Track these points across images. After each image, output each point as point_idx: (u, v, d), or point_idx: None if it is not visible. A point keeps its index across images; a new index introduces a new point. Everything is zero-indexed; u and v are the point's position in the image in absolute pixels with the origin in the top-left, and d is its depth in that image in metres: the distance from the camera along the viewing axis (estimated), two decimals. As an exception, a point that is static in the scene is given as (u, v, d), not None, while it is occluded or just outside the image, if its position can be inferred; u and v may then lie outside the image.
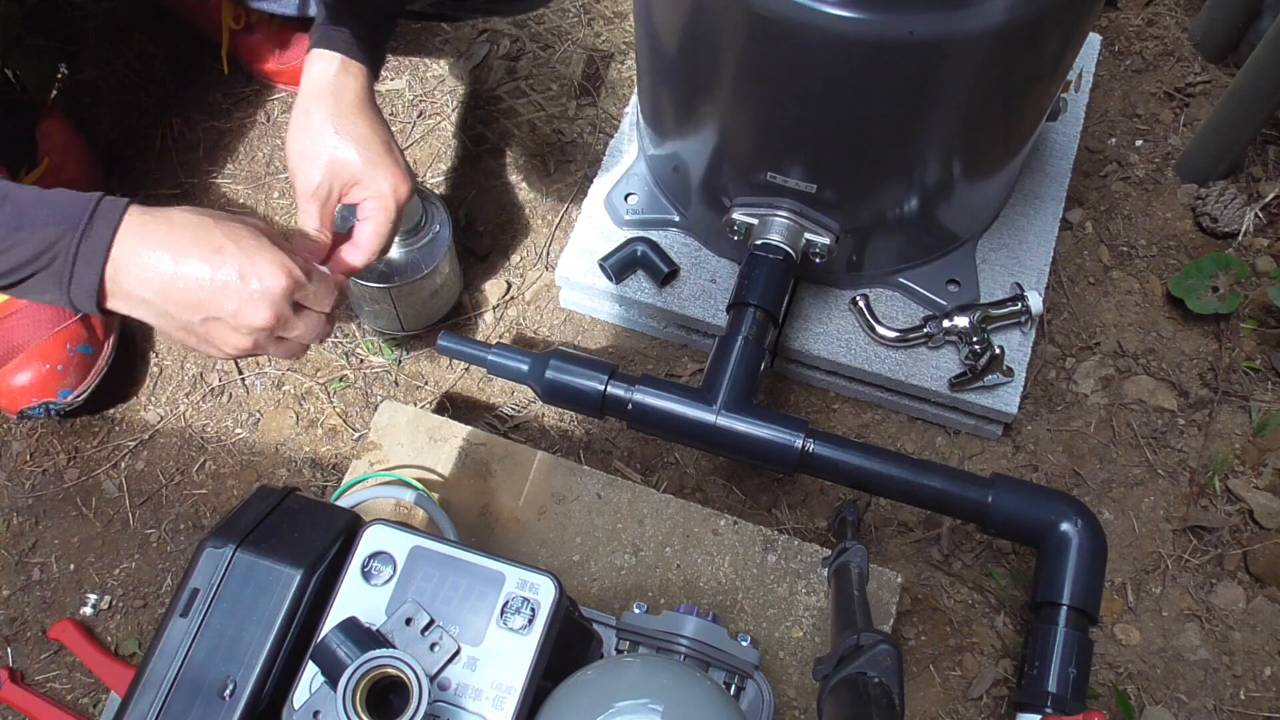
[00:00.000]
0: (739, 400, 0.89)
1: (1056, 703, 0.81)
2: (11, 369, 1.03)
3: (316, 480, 1.07)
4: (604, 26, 1.34)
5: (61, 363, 1.03)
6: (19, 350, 1.03)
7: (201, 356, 1.13)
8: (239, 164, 1.24)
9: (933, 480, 0.87)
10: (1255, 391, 1.10)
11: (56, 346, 1.03)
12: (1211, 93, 1.28)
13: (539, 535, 0.98)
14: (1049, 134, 1.15)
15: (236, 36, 1.23)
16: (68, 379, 1.04)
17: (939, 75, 0.80)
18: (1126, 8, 1.35)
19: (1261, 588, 1.02)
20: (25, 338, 1.03)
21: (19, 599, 1.02)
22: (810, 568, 0.96)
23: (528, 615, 0.66)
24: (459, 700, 0.64)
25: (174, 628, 0.65)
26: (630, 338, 1.14)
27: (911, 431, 1.09)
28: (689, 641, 0.80)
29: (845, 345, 1.04)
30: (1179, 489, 1.06)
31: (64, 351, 1.03)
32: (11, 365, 1.03)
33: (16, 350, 1.03)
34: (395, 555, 0.68)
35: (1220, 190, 1.18)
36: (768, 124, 0.90)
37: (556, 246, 1.18)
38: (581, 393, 0.90)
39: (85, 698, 0.98)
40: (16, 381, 1.02)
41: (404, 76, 1.30)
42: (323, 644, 0.62)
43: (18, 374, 1.02)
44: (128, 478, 1.07)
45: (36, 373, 1.02)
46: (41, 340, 1.03)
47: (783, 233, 0.95)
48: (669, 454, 1.08)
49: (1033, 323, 1.03)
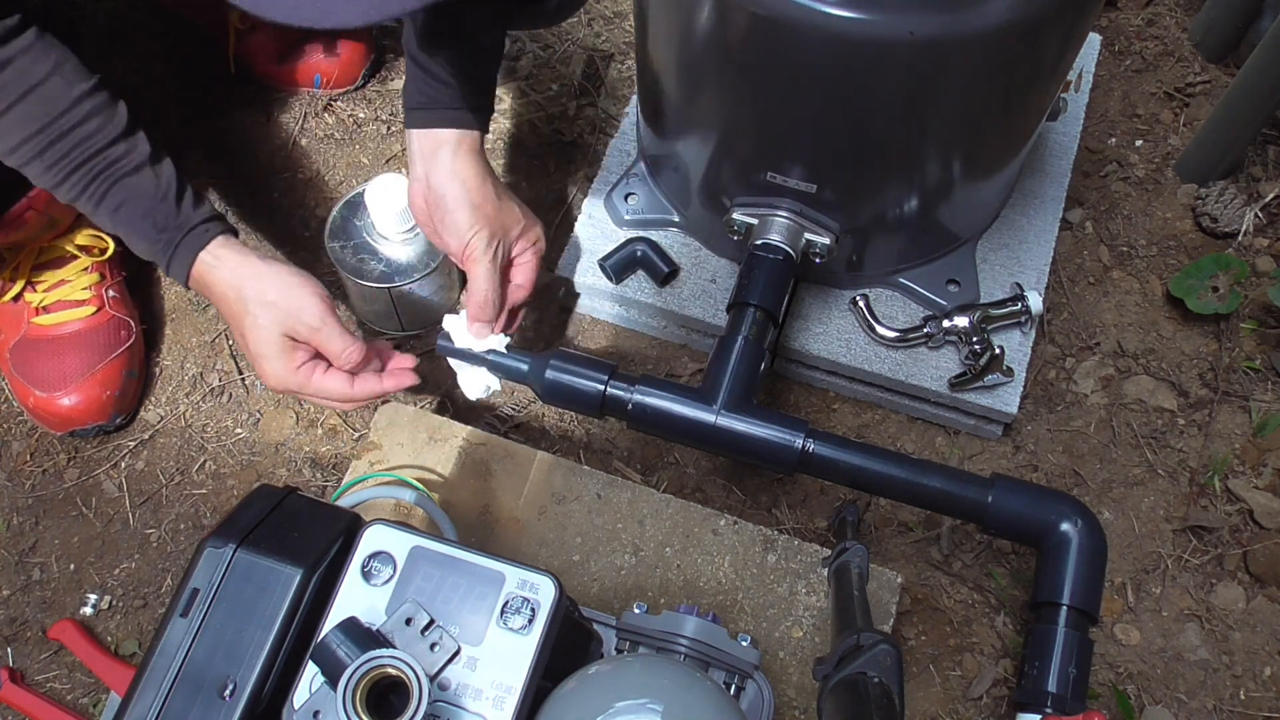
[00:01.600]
0: (739, 400, 0.89)
1: (1056, 703, 0.81)
2: (67, 393, 1.04)
3: (316, 480, 1.07)
4: (604, 26, 1.34)
5: (118, 389, 1.06)
6: (74, 374, 1.04)
7: (201, 357, 1.13)
8: (239, 164, 1.24)
9: (933, 480, 0.87)
10: (1255, 391, 1.10)
11: (115, 372, 1.06)
12: (1211, 93, 1.28)
13: (539, 535, 0.98)
14: (1049, 134, 1.15)
15: (242, 36, 1.23)
16: (122, 403, 1.07)
17: (939, 75, 0.80)
18: (1126, 8, 1.35)
19: (1261, 588, 1.02)
20: (81, 363, 1.05)
21: (19, 599, 1.02)
22: (810, 568, 0.96)
23: (528, 615, 0.66)
24: (459, 700, 0.64)
25: (174, 627, 0.65)
26: (630, 338, 1.14)
27: (911, 431, 1.09)
28: (689, 641, 0.80)
29: (845, 345, 1.04)
30: (1179, 489, 1.06)
31: (121, 377, 1.06)
32: (69, 389, 1.04)
33: (71, 374, 1.04)
34: (395, 555, 0.68)
35: (1220, 190, 1.18)
36: (768, 124, 0.90)
37: (556, 246, 1.18)
38: (581, 393, 0.90)
39: (85, 698, 0.98)
40: (71, 404, 1.04)
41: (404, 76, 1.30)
42: (323, 644, 0.62)
43: (72, 398, 1.04)
44: (128, 478, 1.07)
45: (95, 398, 1.04)
46: (100, 366, 1.05)
47: (783, 233, 0.95)
48: (669, 454, 1.08)
49: (1033, 323, 1.03)
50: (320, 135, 1.27)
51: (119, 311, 1.08)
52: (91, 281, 1.07)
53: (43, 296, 1.06)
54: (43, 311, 1.06)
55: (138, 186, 0.86)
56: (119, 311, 1.08)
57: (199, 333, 1.14)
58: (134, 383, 1.08)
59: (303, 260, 1.18)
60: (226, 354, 1.13)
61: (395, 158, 1.25)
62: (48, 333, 1.06)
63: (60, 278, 1.06)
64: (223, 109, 1.27)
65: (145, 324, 1.14)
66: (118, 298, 1.09)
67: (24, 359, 1.06)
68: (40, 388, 1.04)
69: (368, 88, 1.29)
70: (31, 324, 1.06)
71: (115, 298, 1.09)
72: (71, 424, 1.05)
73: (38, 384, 1.04)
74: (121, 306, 1.09)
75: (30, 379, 1.05)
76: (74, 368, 1.04)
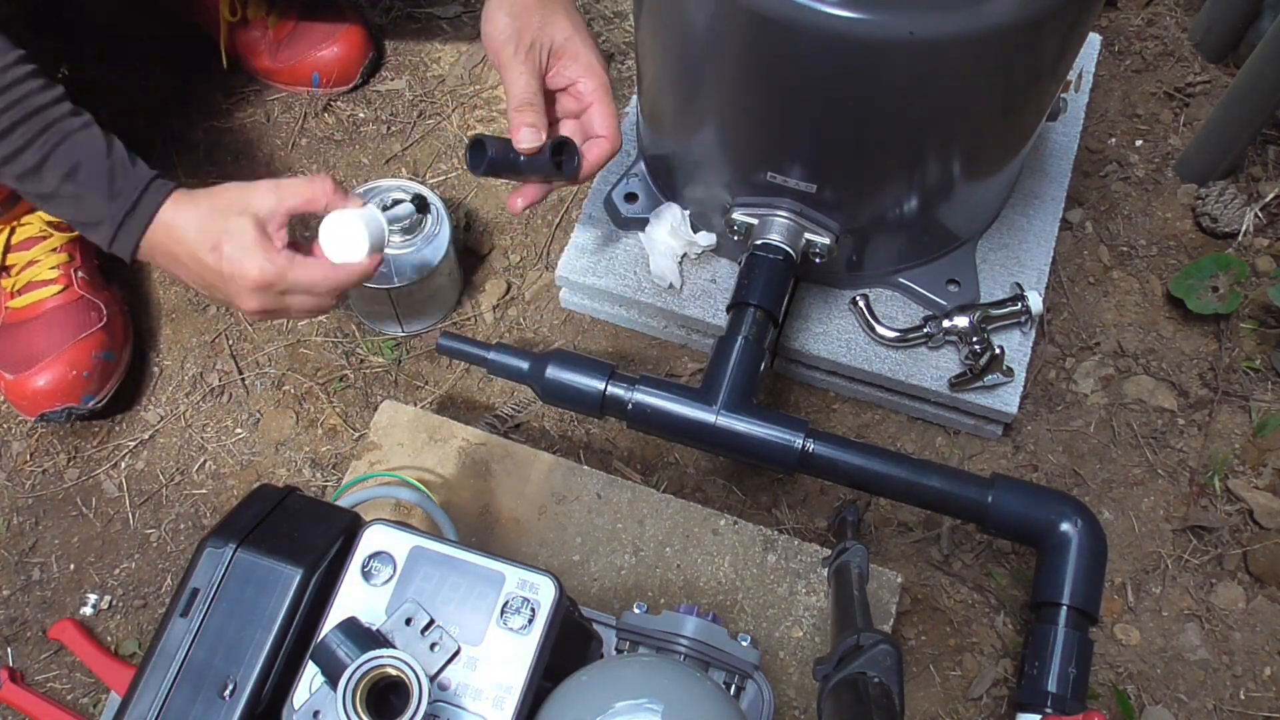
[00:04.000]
0: (739, 400, 0.89)
1: (1056, 703, 0.81)
2: (36, 372, 1.03)
3: (316, 480, 1.07)
4: (604, 26, 1.34)
5: (88, 369, 1.04)
6: (41, 354, 1.03)
7: (201, 357, 1.13)
8: (239, 164, 1.25)
9: (933, 480, 0.87)
10: (1255, 391, 1.10)
11: (83, 353, 1.04)
12: (1211, 93, 1.28)
13: (539, 535, 0.98)
14: (1049, 134, 1.15)
15: (234, 31, 1.23)
16: (91, 385, 1.05)
17: (939, 75, 0.80)
18: (1126, 8, 1.35)
19: (1261, 588, 1.02)
20: (49, 342, 1.04)
21: (19, 599, 1.02)
22: (810, 568, 0.96)
23: (528, 615, 0.66)
24: (459, 700, 0.64)
25: (174, 627, 0.65)
26: (630, 338, 1.14)
27: (911, 431, 1.09)
28: (689, 641, 0.79)
29: (845, 345, 1.04)
30: (1179, 489, 1.06)
31: (90, 358, 1.04)
32: (37, 369, 1.03)
33: (39, 353, 1.03)
34: (395, 555, 0.68)
35: (1220, 190, 1.18)
36: (767, 124, 0.90)
37: (556, 246, 1.18)
38: (581, 393, 0.90)
39: (85, 698, 0.98)
40: (41, 385, 1.03)
41: (404, 76, 1.30)
42: (323, 644, 0.62)
43: (42, 377, 1.03)
44: (128, 478, 1.07)
45: (63, 378, 1.03)
46: (68, 345, 1.04)
47: (783, 233, 0.95)
48: (669, 454, 1.08)
49: (1033, 323, 1.03)
50: (320, 136, 1.27)
51: (88, 292, 1.07)
52: (60, 261, 1.06)
53: (15, 280, 1.06)
54: (15, 295, 1.06)
55: (89, 145, 0.82)
56: (88, 292, 1.07)
57: (199, 333, 1.14)
58: (109, 366, 1.06)
59: (303, 260, 1.18)
60: (226, 354, 1.13)
61: (395, 158, 1.25)
62: (20, 315, 1.05)
63: (29, 259, 1.06)
64: (222, 110, 1.27)
65: (146, 324, 1.14)
66: (88, 279, 1.08)
67: (1, 345, 1.06)
68: (10, 370, 1.04)
69: (367, 88, 1.29)
70: (7, 308, 1.06)
71: (85, 279, 1.08)
72: (39, 405, 1.03)
73: (9, 367, 1.04)
74: (92, 289, 1.08)
75: (3, 363, 1.04)
76: (41, 347, 1.03)
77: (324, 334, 1.14)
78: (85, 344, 1.04)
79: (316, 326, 1.14)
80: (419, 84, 1.29)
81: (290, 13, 1.25)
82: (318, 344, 1.13)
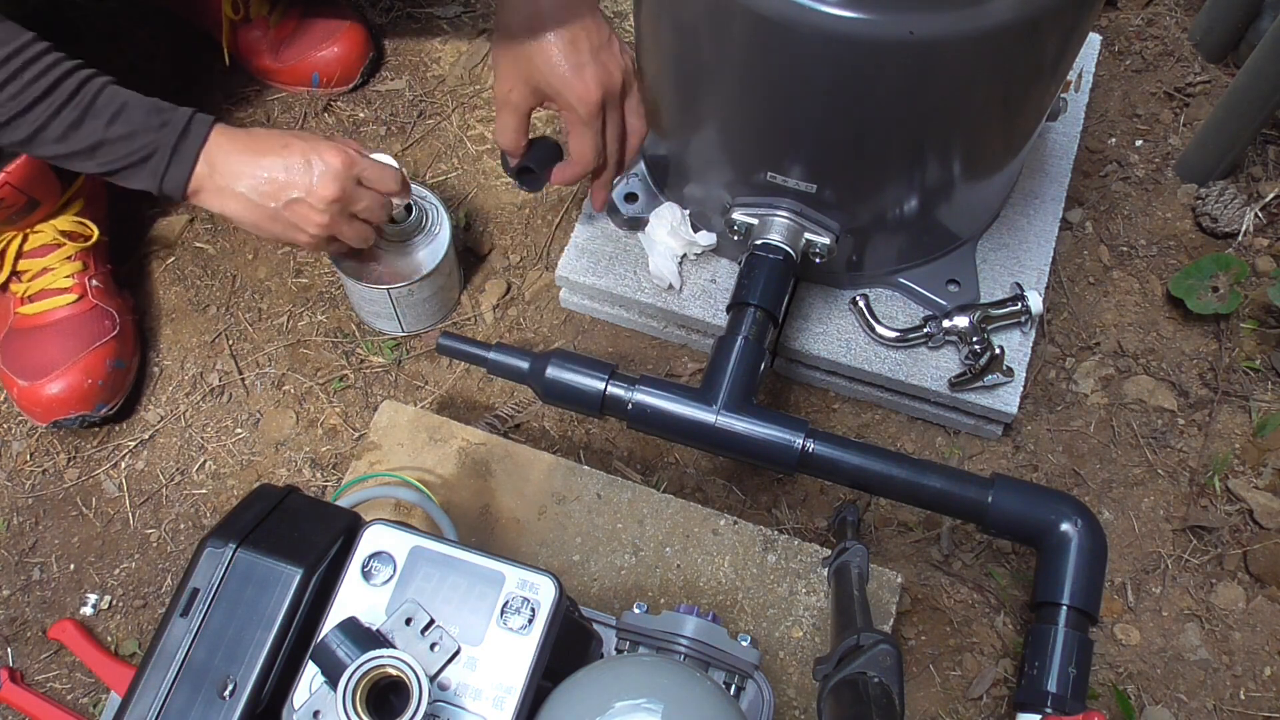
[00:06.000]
0: (739, 400, 0.90)
1: (1056, 703, 0.81)
2: (50, 380, 1.03)
3: (316, 480, 1.07)
4: (604, 26, 1.34)
5: (102, 378, 1.05)
6: (56, 362, 1.03)
7: (201, 357, 1.13)
8: (239, 164, 1.24)
9: (933, 480, 0.87)
10: (1255, 391, 1.10)
11: (98, 361, 1.05)
12: (1211, 93, 1.28)
13: (539, 535, 0.98)
14: (1049, 134, 1.15)
15: (236, 29, 1.23)
16: (105, 393, 1.05)
17: (939, 75, 0.80)
18: (1126, 8, 1.35)
19: (1261, 588, 1.02)
20: (63, 350, 1.04)
21: (19, 599, 1.02)
22: (810, 568, 0.96)
23: (528, 615, 0.66)
24: (459, 700, 0.64)
25: (174, 627, 0.65)
26: (630, 338, 1.14)
27: (911, 431, 1.09)
28: (689, 641, 0.80)
29: (845, 345, 1.04)
30: (1179, 489, 1.06)
31: (104, 366, 1.05)
32: (51, 377, 1.03)
33: (53, 362, 1.03)
34: (395, 555, 0.68)
35: (1220, 190, 1.18)
36: (767, 124, 0.90)
37: (556, 246, 1.18)
38: (581, 393, 0.90)
39: (85, 698, 0.98)
40: (55, 393, 1.03)
41: (404, 76, 1.30)
42: (323, 644, 0.62)
43: (56, 385, 1.03)
44: (128, 478, 1.07)
45: (78, 386, 1.03)
46: (83, 354, 1.04)
47: (783, 233, 0.95)
48: (669, 454, 1.08)
49: (1033, 323, 1.03)
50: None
51: (102, 301, 1.07)
52: (74, 270, 1.06)
53: (27, 286, 1.05)
54: (27, 301, 1.06)
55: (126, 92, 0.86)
56: (102, 301, 1.07)
57: (199, 333, 1.14)
58: (121, 374, 1.07)
59: (303, 260, 1.18)
60: (226, 354, 1.13)
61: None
62: (31, 322, 1.05)
63: (43, 266, 1.06)
64: (223, 110, 1.27)
65: (146, 324, 1.14)
66: (101, 288, 1.08)
67: (9, 350, 1.05)
68: (23, 377, 1.04)
69: (367, 88, 1.29)
70: (17, 314, 1.06)
71: (99, 288, 1.08)
72: (54, 412, 1.04)
73: (21, 373, 1.04)
74: (105, 297, 1.08)
75: (14, 369, 1.04)
76: (55, 355, 1.04)
77: (324, 334, 1.14)
78: (100, 353, 1.05)
79: (316, 326, 1.14)
80: (419, 84, 1.29)
81: (292, 11, 1.25)
82: (318, 344, 1.13)
